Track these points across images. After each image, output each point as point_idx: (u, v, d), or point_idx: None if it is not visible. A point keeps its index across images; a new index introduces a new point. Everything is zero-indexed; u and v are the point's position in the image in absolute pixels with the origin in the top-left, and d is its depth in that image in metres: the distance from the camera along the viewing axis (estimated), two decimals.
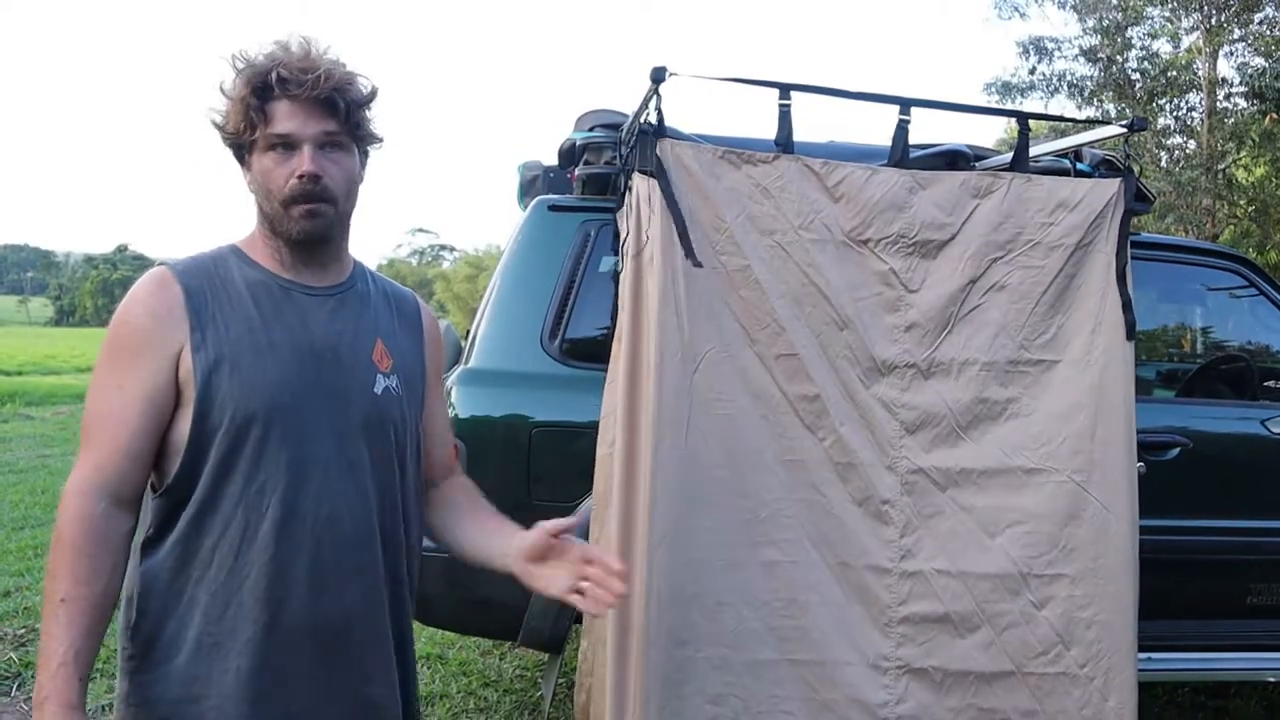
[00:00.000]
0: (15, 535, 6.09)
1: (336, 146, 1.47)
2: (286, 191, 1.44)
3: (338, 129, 1.46)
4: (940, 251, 2.63)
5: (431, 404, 1.71)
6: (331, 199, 1.47)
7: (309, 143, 1.44)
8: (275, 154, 1.44)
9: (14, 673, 3.80)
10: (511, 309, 3.05)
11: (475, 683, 3.93)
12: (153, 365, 1.40)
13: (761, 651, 2.50)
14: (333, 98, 1.44)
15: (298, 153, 1.44)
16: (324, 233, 1.49)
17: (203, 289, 1.45)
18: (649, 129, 2.51)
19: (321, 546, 1.45)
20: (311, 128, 1.44)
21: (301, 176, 1.43)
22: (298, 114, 1.43)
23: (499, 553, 1.60)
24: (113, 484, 1.39)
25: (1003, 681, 2.57)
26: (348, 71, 1.47)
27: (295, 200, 1.44)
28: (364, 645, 1.52)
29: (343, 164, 1.48)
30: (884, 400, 2.59)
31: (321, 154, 1.45)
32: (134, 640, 1.44)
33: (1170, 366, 4.80)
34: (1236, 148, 14.53)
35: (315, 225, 1.47)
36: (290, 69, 1.41)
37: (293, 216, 1.45)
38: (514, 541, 1.57)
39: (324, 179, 1.45)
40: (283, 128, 1.43)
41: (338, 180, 1.47)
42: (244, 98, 1.42)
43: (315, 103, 1.43)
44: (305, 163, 1.43)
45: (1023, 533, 2.59)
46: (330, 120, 1.45)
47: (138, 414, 1.40)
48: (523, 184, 3.68)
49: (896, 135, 2.67)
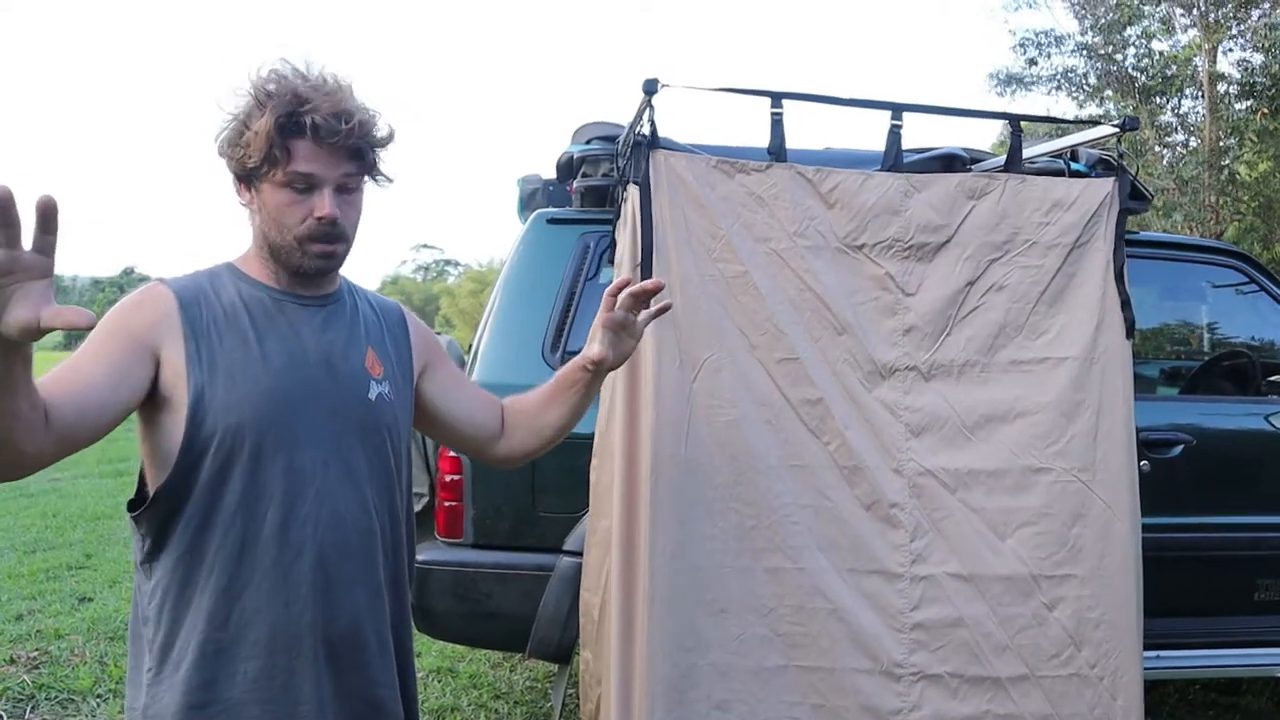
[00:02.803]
0: (27, 559, 6.12)
1: (353, 189, 1.50)
2: (302, 230, 1.46)
3: (356, 172, 1.49)
4: (937, 254, 2.64)
5: (448, 378, 1.77)
6: (346, 240, 1.51)
7: (330, 185, 1.45)
8: (292, 191, 1.45)
9: (28, 695, 3.82)
10: (513, 322, 3.07)
11: (486, 695, 3.94)
12: (124, 344, 1.39)
13: (768, 658, 2.50)
14: (359, 145, 1.46)
15: (317, 194, 1.45)
16: (336, 269, 1.54)
17: (197, 301, 1.47)
18: (643, 140, 2.53)
19: (323, 550, 1.47)
20: (334, 171, 1.45)
21: (321, 219, 1.45)
22: (322, 157, 1.44)
23: (568, 380, 1.77)
24: None
25: (1018, 686, 2.55)
26: (373, 116, 1.49)
27: (312, 239, 1.47)
28: (368, 648, 1.54)
29: (356, 205, 1.52)
30: (887, 403, 2.59)
31: (338, 196, 1.47)
32: (151, 653, 1.46)
33: (1173, 364, 4.79)
34: (1238, 144, 14.49)
35: (330, 265, 1.51)
36: (323, 115, 1.41)
37: (308, 254, 1.48)
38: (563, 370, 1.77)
39: (340, 221, 1.47)
40: (305, 168, 1.44)
41: (352, 221, 1.51)
42: (269, 133, 1.41)
43: (341, 147, 1.45)
44: (326, 206, 1.45)
45: (1032, 533, 2.58)
46: (351, 164, 1.47)
47: (98, 373, 1.35)
48: (522, 197, 3.70)
49: (889, 140, 2.68)
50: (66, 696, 3.81)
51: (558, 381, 1.79)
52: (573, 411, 1.79)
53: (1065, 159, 3.15)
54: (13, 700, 3.78)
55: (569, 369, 1.77)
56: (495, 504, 2.90)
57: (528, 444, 1.82)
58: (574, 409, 1.79)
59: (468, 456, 2.52)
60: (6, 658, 4.20)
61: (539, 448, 1.83)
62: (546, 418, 1.80)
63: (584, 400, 1.78)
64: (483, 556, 2.89)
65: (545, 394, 1.81)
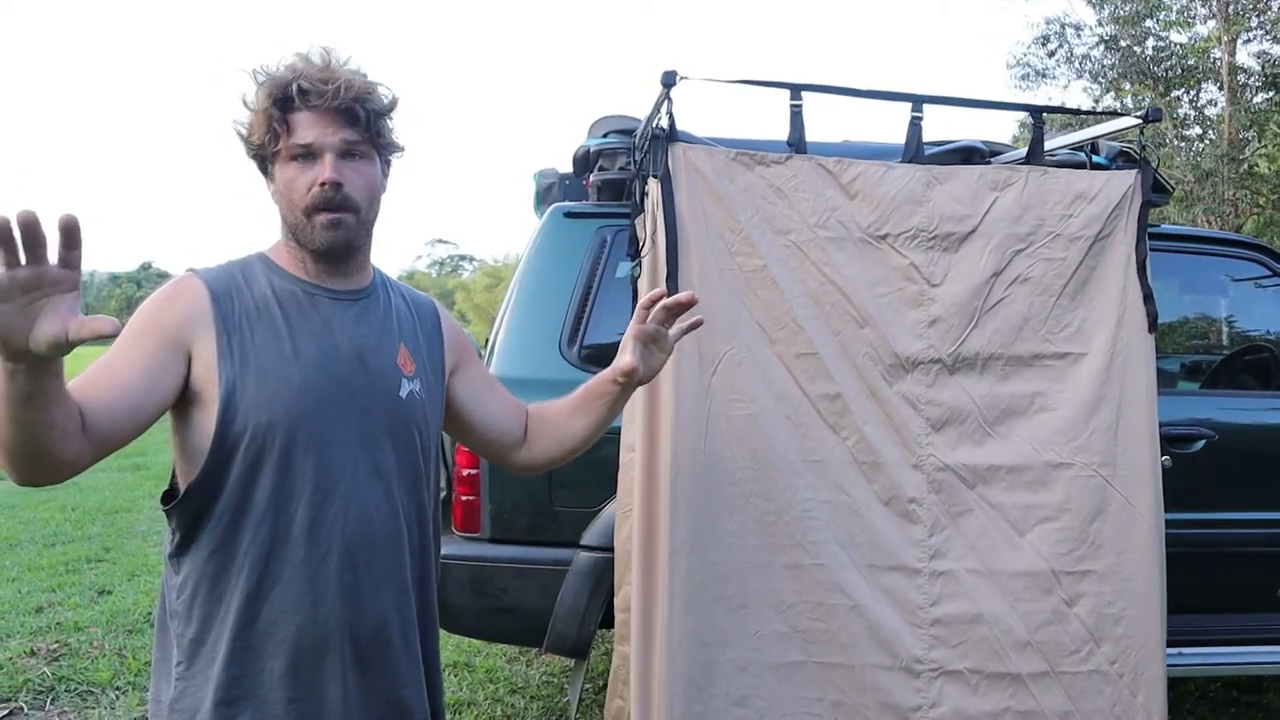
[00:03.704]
0: (47, 552, 6.17)
1: (358, 155, 1.49)
2: (309, 200, 1.46)
3: (358, 138, 1.48)
4: (962, 245, 2.61)
5: (478, 379, 1.77)
6: (353, 207, 1.49)
7: (330, 151, 1.46)
8: (297, 164, 1.46)
9: (48, 687, 3.85)
10: (530, 316, 3.06)
11: (502, 689, 3.94)
12: (158, 342, 1.40)
13: (788, 654, 2.48)
14: (353, 107, 1.46)
15: (319, 161, 1.46)
16: (347, 242, 1.51)
17: (229, 294, 1.47)
18: (661, 134, 2.52)
19: (351, 549, 1.47)
20: (332, 137, 1.46)
21: (323, 184, 1.45)
22: (318, 124, 1.45)
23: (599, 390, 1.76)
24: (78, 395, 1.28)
25: (1038, 682, 2.53)
26: (368, 81, 1.49)
27: (317, 209, 1.46)
28: (395, 647, 1.54)
29: (364, 172, 1.50)
30: (909, 397, 2.57)
31: (343, 162, 1.47)
32: (179, 647, 1.46)
33: (1194, 358, 4.75)
34: (1257, 136, 14.38)
35: (338, 235, 1.48)
36: (310, 80, 1.44)
37: (315, 226, 1.47)
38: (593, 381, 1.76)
39: (345, 187, 1.46)
40: (304, 137, 1.45)
41: (359, 188, 1.49)
42: (266, 109, 1.44)
43: (336, 112, 1.45)
44: (327, 170, 1.45)
45: (1052, 529, 2.56)
46: (351, 129, 1.47)
47: (132, 374, 1.36)
48: (539, 191, 3.69)
49: (910, 133, 2.66)
50: (86, 689, 3.83)
51: (586, 392, 1.77)
52: (599, 422, 1.78)
53: (1086, 151, 3.12)
54: (33, 692, 3.81)
55: (599, 380, 1.76)
56: (512, 498, 2.90)
57: (550, 452, 1.80)
58: (600, 420, 1.77)
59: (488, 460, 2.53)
60: (27, 650, 4.24)
61: (561, 457, 1.81)
62: (572, 427, 1.78)
63: (611, 412, 1.77)
64: (500, 551, 2.89)
65: (572, 403, 1.79)
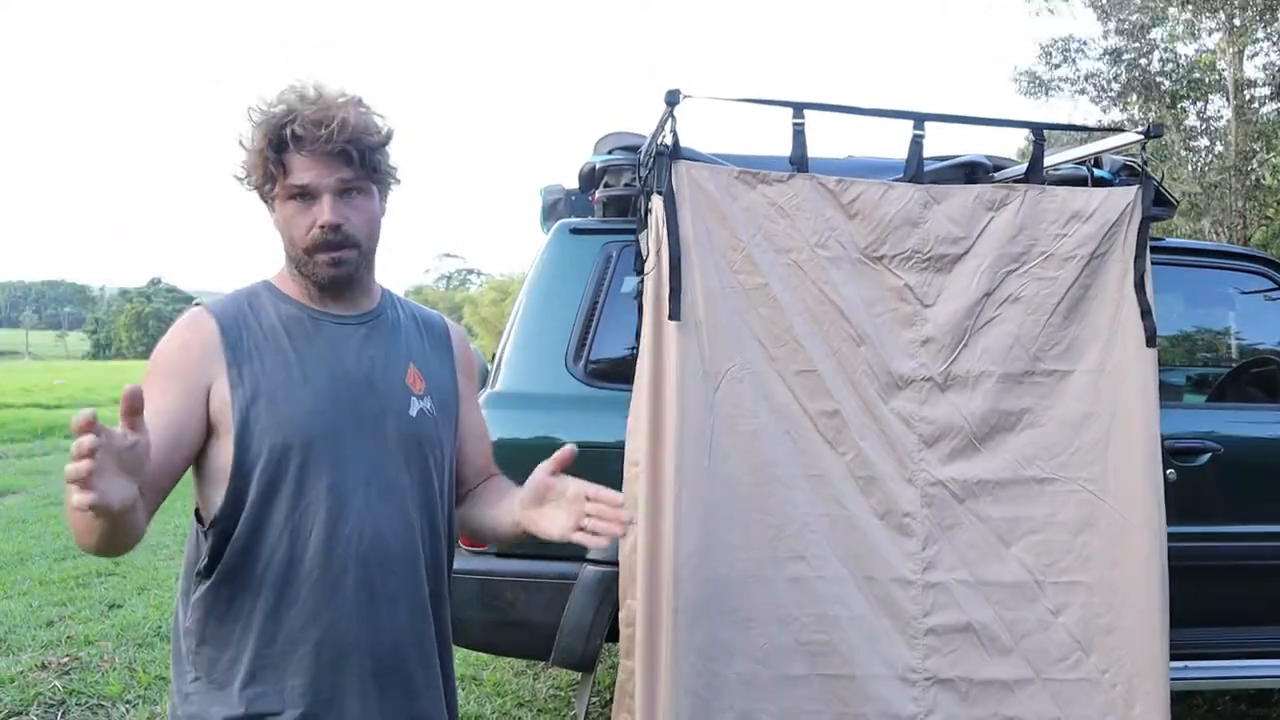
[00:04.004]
0: (57, 566, 6.20)
1: (356, 192, 1.50)
2: (309, 240, 1.48)
3: (354, 175, 1.48)
4: (955, 265, 2.66)
5: (466, 413, 1.73)
6: (354, 244, 1.51)
7: (328, 193, 1.47)
8: (296, 203, 1.48)
9: (59, 700, 3.87)
10: (536, 332, 3.08)
11: (510, 703, 3.95)
12: (179, 391, 1.44)
13: (792, 667, 2.51)
14: (347, 149, 1.46)
15: (318, 202, 1.47)
16: (349, 276, 1.53)
17: (237, 325, 1.50)
18: (665, 151, 2.55)
19: (368, 568, 1.49)
20: (329, 178, 1.46)
21: (323, 226, 1.47)
22: (314, 165, 1.45)
23: (506, 513, 1.61)
24: None
25: (1025, 688, 2.59)
26: (362, 115, 1.49)
27: (318, 249, 1.48)
28: (412, 663, 1.56)
29: (363, 208, 1.51)
30: (902, 414, 2.62)
31: (341, 201, 1.48)
32: (196, 664, 1.48)
33: (1199, 371, 4.75)
34: (1265, 147, 14.36)
35: (341, 272, 1.51)
36: (305, 124, 1.43)
37: (318, 263, 1.49)
38: (516, 495, 1.58)
39: (344, 226, 1.48)
40: (301, 179, 1.46)
41: (359, 225, 1.50)
42: (262, 151, 1.45)
43: (331, 154, 1.46)
44: (325, 213, 1.46)
45: (1037, 541, 2.63)
46: (346, 169, 1.47)
47: (158, 428, 1.37)
48: (545, 207, 3.72)
49: (911, 150, 2.69)
50: (96, 702, 3.86)
51: (507, 492, 1.66)
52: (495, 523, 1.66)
53: (1089, 165, 3.13)
54: (44, 705, 3.83)
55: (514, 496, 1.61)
56: None
57: (468, 522, 1.73)
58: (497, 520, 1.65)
59: None
60: (38, 663, 4.26)
61: (468, 531, 1.74)
62: (481, 510, 1.71)
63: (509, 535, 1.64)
64: (507, 565, 2.90)
65: (496, 493, 1.70)
